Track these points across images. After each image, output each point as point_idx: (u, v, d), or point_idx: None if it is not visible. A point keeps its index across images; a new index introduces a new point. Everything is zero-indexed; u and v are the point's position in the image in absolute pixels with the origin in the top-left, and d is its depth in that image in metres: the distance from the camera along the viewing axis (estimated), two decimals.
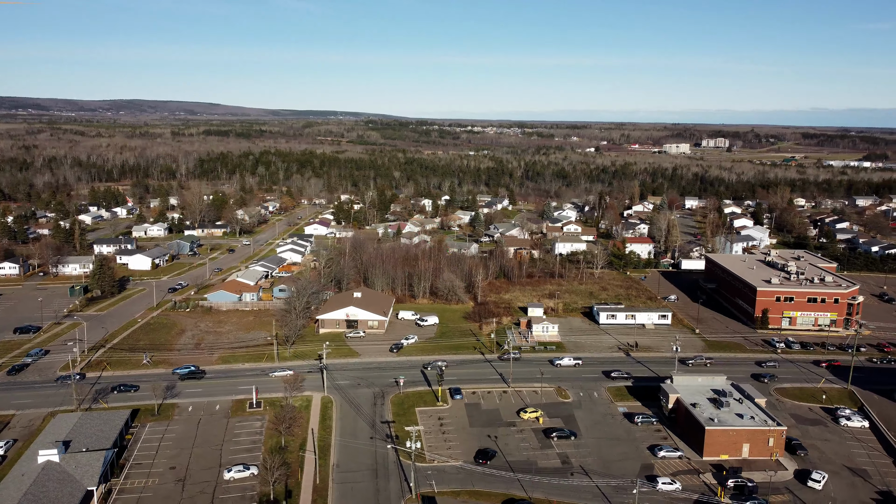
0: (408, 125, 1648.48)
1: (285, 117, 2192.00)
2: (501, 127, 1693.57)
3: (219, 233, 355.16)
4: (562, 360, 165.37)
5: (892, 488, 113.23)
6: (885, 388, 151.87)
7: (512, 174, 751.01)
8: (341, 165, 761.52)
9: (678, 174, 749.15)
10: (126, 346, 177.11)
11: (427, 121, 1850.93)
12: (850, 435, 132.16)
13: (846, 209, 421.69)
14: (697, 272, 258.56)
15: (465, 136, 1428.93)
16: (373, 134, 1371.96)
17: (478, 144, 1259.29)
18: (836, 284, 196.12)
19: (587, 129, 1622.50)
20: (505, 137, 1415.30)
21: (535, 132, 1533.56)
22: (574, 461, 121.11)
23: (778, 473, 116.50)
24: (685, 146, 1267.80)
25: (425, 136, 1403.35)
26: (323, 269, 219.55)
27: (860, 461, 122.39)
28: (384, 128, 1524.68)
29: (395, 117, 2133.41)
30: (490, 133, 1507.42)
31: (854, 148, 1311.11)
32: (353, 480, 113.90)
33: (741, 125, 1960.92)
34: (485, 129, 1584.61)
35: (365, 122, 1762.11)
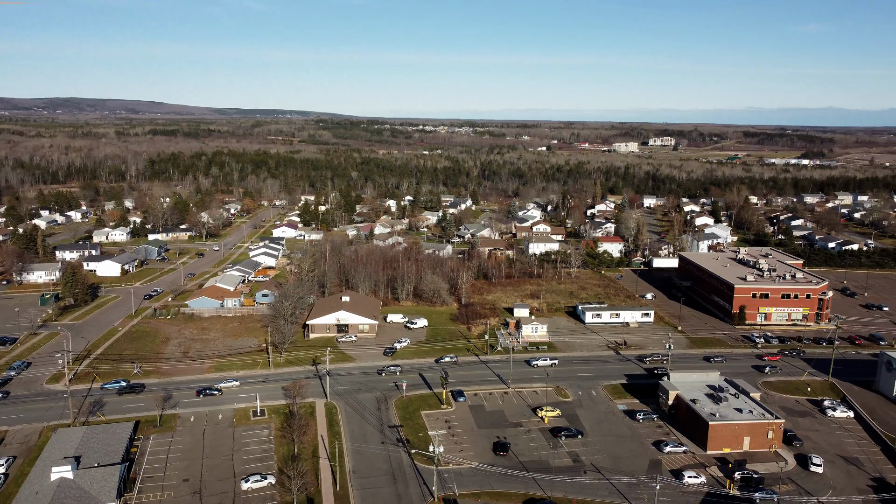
0: (359, 124, 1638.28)
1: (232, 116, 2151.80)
2: (453, 126, 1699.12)
3: (184, 236, 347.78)
4: (538, 361, 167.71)
5: (885, 475, 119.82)
6: (863, 379, 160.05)
7: (469, 174, 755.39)
8: (297, 166, 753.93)
9: (631, 173, 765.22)
10: (111, 357, 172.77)
11: (378, 120, 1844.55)
12: (838, 425, 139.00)
13: (798, 206, 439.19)
14: (669, 270, 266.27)
15: (418, 135, 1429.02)
16: (325, 133, 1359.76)
17: (431, 144, 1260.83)
18: (807, 281, 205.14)
19: (537, 128, 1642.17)
20: (457, 137, 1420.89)
21: (487, 131, 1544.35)
22: (585, 459, 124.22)
23: (780, 464, 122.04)
24: (633, 145, 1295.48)
25: (377, 135, 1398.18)
26: (306, 272, 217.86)
27: (851, 450, 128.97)
28: (336, 127, 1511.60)
29: (345, 116, 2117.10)
30: (442, 132, 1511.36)
31: (792, 146, 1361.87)
32: (372, 486, 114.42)
33: (684, 124, 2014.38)
34: (436, 129, 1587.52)
35: (315, 121, 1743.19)
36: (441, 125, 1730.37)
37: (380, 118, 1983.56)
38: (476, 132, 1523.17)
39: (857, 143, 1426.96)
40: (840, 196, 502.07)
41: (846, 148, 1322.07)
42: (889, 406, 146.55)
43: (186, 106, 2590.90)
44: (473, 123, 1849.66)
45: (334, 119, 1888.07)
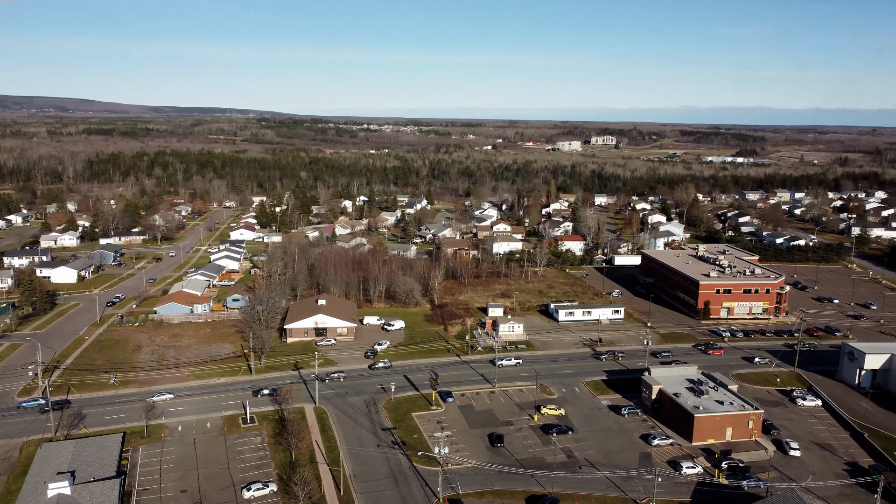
0: (302, 123, 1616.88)
1: (169, 115, 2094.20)
2: (398, 125, 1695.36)
3: (138, 240, 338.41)
4: (502, 361, 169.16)
5: (857, 459, 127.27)
6: (825, 368, 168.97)
7: (418, 173, 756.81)
8: (244, 166, 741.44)
9: (577, 171, 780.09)
10: (83, 367, 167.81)
11: (322, 119, 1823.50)
12: (809, 413, 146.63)
13: (742, 203, 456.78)
14: (630, 267, 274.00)
15: (363, 134, 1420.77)
16: (268, 132, 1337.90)
17: (376, 143, 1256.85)
18: (766, 276, 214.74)
19: (482, 127, 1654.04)
20: (403, 135, 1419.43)
21: (433, 130, 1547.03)
22: (578, 455, 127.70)
23: (760, 452, 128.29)
24: (577, 144, 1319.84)
25: (322, 134, 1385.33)
26: (278, 276, 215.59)
27: (823, 436, 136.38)
28: (279, 126, 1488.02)
29: (287, 115, 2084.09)
30: (387, 131, 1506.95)
31: (727, 144, 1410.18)
32: (376, 489, 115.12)
33: (624, 123, 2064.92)
34: (381, 128, 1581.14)
35: (257, 119, 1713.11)
36: (386, 124, 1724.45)
37: (323, 117, 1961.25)
38: (421, 131, 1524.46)
39: (786, 142, 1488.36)
40: (779, 193, 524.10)
41: (777, 146, 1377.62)
42: (852, 394, 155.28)
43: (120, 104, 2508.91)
44: (418, 122, 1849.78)
45: (276, 118, 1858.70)
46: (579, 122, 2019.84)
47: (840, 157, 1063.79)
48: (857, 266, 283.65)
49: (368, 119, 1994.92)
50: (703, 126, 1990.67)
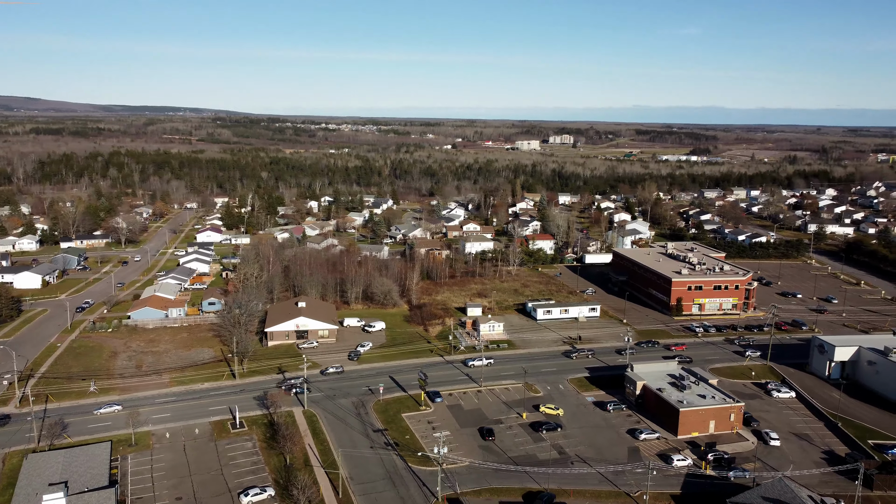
0: (259, 122, 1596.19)
1: (119, 113, 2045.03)
2: (356, 124, 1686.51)
3: (101, 244, 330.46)
4: (474, 361, 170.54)
5: (833, 448, 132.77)
6: (796, 361, 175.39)
7: (380, 172, 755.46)
8: (203, 166, 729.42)
9: (538, 170, 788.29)
10: (59, 375, 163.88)
11: (279, 118, 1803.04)
12: (784, 405, 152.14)
13: (702, 202, 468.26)
14: (601, 265, 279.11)
15: (322, 133, 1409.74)
16: (224, 132, 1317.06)
17: (336, 142, 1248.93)
18: (735, 273, 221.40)
19: (441, 127, 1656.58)
20: (362, 135, 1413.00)
21: (392, 130, 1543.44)
22: (569, 451, 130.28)
23: (743, 444, 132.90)
24: (535, 143, 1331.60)
25: (280, 133, 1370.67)
26: (255, 279, 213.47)
27: (800, 427, 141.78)
28: (235, 125, 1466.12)
29: (242, 114, 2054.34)
30: (346, 131, 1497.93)
31: (680, 143, 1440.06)
32: (373, 491, 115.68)
33: (580, 122, 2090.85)
34: (340, 127, 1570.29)
35: (213, 119, 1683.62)
36: (344, 123, 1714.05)
37: (280, 116, 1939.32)
38: (381, 131, 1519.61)
39: (737, 141, 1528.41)
40: (735, 191, 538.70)
41: (728, 145, 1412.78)
42: (823, 385, 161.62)
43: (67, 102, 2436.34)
44: (376, 122, 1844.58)
45: (232, 117, 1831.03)
46: (536, 121, 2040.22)
47: (789, 155, 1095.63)
48: (816, 262, 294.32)
49: (326, 118, 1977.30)
50: (656, 125, 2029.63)
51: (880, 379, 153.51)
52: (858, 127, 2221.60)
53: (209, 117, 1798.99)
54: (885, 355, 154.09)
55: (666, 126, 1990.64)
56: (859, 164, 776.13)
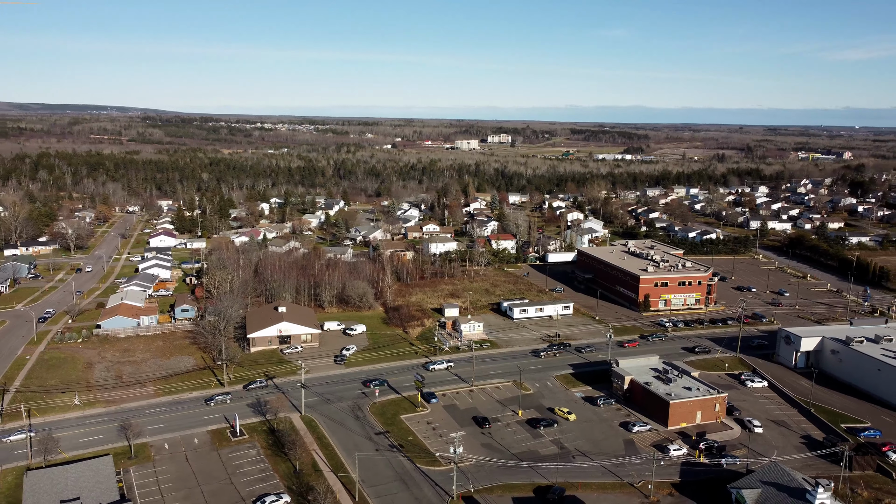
0: (192, 122, 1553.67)
1: (38, 112, 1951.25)
2: (292, 124, 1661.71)
3: (47, 250, 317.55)
4: (435, 365, 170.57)
5: (810, 433, 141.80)
6: (762, 352, 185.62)
7: (324, 173, 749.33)
8: (139, 167, 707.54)
9: (481, 170, 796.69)
10: (35, 389, 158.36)
11: (212, 117, 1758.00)
12: (758, 394, 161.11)
13: (649, 200, 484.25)
14: (563, 264, 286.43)
15: (258, 133, 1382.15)
16: (156, 132, 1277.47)
17: (273, 142, 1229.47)
18: (696, 269, 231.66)
19: (379, 126, 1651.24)
20: (299, 135, 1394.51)
21: (329, 129, 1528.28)
22: (568, 445, 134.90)
23: (729, 432, 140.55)
24: (474, 142, 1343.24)
25: (214, 133, 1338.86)
26: (229, 284, 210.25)
27: (776, 414, 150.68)
28: (167, 125, 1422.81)
29: (172, 113, 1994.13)
30: (283, 130, 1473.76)
31: (614, 142, 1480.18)
32: (388, 493, 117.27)
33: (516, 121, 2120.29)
34: (276, 126, 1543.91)
35: (142, 118, 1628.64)
36: (280, 122, 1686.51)
37: (213, 115, 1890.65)
38: (318, 130, 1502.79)
39: (667, 139, 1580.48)
40: (676, 189, 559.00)
41: (659, 143, 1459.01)
42: (790, 374, 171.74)
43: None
44: (312, 121, 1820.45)
45: (162, 116, 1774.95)
46: (473, 120, 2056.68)
47: (717, 153, 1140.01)
48: (763, 257, 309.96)
49: (260, 117, 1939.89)
50: (588, 124, 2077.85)
51: (844, 367, 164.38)
52: (777, 126, 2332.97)
53: (137, 116, 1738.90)
54: (848, 344, 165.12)
55: (598, 125, 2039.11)
56: (787, 162, 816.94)
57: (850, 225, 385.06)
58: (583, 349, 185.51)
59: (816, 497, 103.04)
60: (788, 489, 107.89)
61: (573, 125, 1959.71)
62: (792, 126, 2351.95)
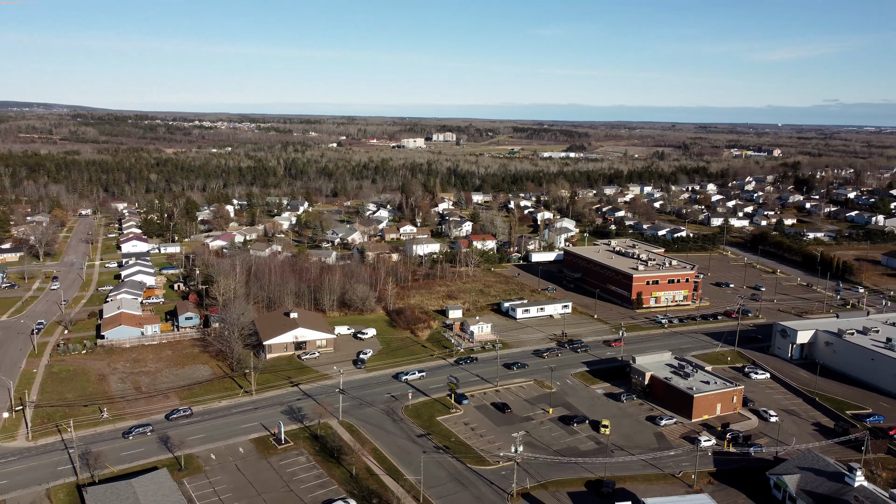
0: (126, 120, 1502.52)
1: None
2: (231, 121, 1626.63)
3: (13, 257, 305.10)
4: (407, 376, 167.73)
5: (819, 421, 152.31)
6: (759, 345, 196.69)
7: (275, 172, 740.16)
8: (82, 168, 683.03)
9: (434, 168, 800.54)
10: (54, 403, 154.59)
11: (146, 114, 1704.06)
12: (764, 385, 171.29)
13: (610, 199, 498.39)
14: (546, 263, 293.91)
15: (197, 131, 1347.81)
16: (89, 130, 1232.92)
17: (214, 141, 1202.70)
18: (682, 267, 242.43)
19: (323, 124, 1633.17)
20: (241, 133, 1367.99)
21: (272, 127, 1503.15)
22: (604, 441, 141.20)
23: (748, 422, 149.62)
24: (420, 141, 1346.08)
25: (151, 131, 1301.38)
26: (233, 291, 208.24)
27: (785, 403, 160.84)
28: (100, 123, 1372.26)
29: (102, 110, 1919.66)
30: (223, 128, 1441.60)
31: (556, 140, 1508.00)
32: (448, 494, 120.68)
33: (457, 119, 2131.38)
34: (215, 124, 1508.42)
35: (72, 115, 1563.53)
36: (218, 120, 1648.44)
37: (147, 112, 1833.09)
38: (260, 128, 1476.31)
39: (606, 137, 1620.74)
40: (631, 187, 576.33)
41: (599, 141, 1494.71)
42: (788, 366, 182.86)
43: None
44: (251, 118, 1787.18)
45: (93, 113, 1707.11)
46: (416, 118, 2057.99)
47: (657, 151, 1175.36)
48: (731, 253, 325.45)
49: (196, 115, 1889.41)
50: (528, 122, 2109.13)
51: (838, 357, 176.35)
52: (707, 123, 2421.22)
53: (66, 114, 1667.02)
54: (840, 336, 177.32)
55: (537, 123, 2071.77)
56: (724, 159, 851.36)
57: (802, 221, 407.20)
58: (580, 348, 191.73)
59: (856, 479, 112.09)
60: (826, 473, 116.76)
61: (514, 123, 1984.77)
62: (721, 123, 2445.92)
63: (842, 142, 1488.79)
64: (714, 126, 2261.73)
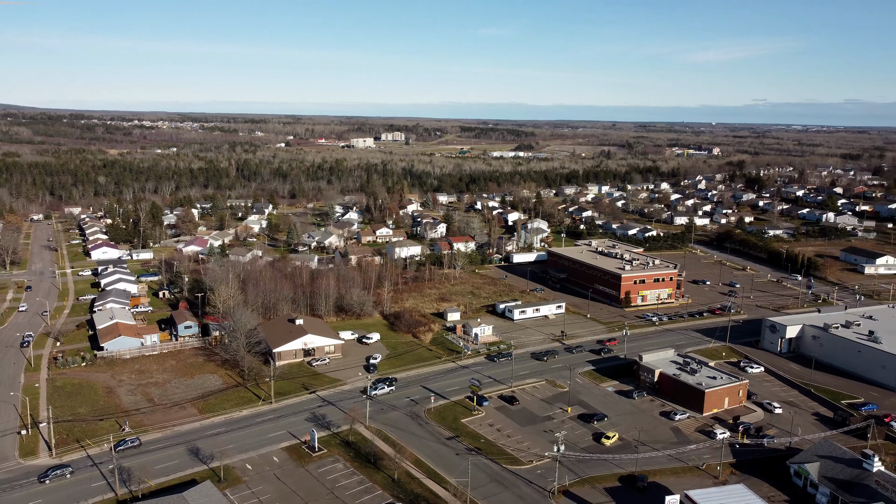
0: (61, 119, 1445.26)
1: None
2: (173, 121, 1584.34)
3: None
4: (376, 391, 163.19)
5: (819, 411, 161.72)
6: (748, 340, 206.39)
7: (227, 174, 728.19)
8: (24, 171, 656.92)
9: (388, 169, 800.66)
10: (68, 418, 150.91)
11: (83, 114, 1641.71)
12: (760, 379, 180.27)
13: (574, 199, 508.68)
14: (527, 264, 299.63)
15: (138, 131, 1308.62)
16: (22, 130, 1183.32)
17: (157, 141, 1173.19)
18: (665, 266, 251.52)
19: (269, 124, 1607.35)
20: (185, 133, 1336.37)
21: (217, 127, 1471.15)
22: (626, 437, 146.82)
23: (754, 414, 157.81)
24: (370, 140, 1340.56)
25: (90, 131, 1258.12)
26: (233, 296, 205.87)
27: (783, 396, 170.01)
28: (33, 122, 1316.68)
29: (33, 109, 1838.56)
30: (165, 128, 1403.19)
31: (503, 139, 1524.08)
32: (491, 494, 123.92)
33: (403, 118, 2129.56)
34: (156, 124, 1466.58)
35: (2, 115, 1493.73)
36: (159, 119, 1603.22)
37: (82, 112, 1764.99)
38: (204, 128, 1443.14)
39: (552, 136, 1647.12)
40: (590, 187, 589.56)
41: (546, 140, 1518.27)
42: (779, 359, 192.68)
43: None
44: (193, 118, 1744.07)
45: (24, 112, 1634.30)
46: (363, 117, 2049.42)
47: (603, 150, 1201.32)
48: (701, 251, 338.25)
49: (134, 114, 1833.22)
50: (473, 121, 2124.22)
51: (825, 350, 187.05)
52: (647, 122, 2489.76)
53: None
54: (826, 330, 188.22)
55: (482, 122, 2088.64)
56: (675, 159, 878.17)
57: (759, 219, 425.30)
58: (573, 349, 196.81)
59: (874, 465, 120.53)
60: (845, 460, 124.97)
61: (459, 122, 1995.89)
62: (659, 122, 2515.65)
63: (774, 140, 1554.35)
64: (653, 125, 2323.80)
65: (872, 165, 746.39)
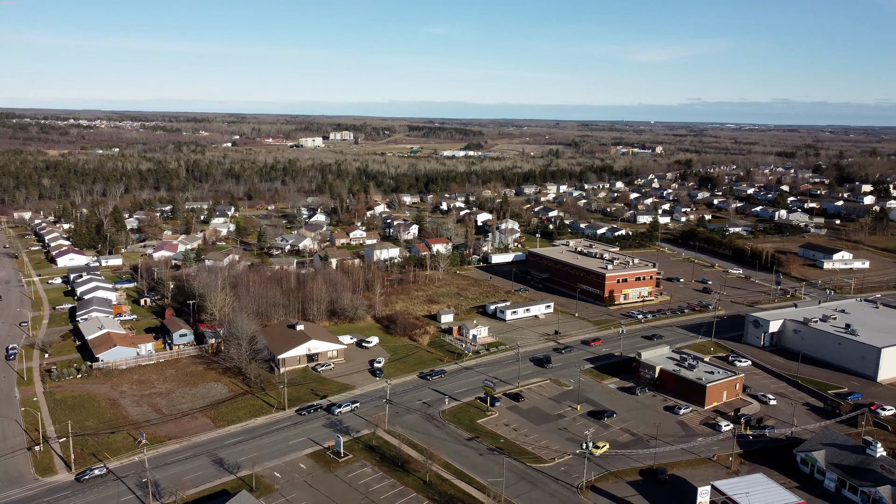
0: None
1: None
2: (111, 119, 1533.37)
3: None
4: (341, 408, 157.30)
5: (808, 401, 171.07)
6: (730, 335, 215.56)
7: (177, 175, 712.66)
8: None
9: (343, 169, 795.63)
10: (78, 432, 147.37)
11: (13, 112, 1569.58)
12: (749, 372, 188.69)
13: (536, 198, 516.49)
14: (505, 264, 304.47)
15: (75, 131, 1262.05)
16: None
17: (97, 141, 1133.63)
18: (645, 265, 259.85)
19: (213, 123, 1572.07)
20: (125, 132, 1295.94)
21: (159, 126, 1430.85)
22: (637, 432, 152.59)
23: (751, 406, 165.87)
24: (318, 140, 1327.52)
25: (22, 131, 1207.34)
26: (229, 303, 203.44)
27: (772, 388, 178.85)
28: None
29: None
30: (104, 128, 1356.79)
31: (452, 139, 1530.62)
32: (522, 492, 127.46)
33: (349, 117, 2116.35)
34: (95, 123, 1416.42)
35: None
36: (97, 118, 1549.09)
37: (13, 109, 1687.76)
38: (145, 127, 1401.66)
39: (499, 136, 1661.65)
40: (549, 186, 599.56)
41: (493, 139, 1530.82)
42: (763, 353, 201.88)
43: None
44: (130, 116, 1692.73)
45: None
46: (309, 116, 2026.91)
47: (551, 149, 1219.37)
48: (668, 249, 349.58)
49: (69, 113, 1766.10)
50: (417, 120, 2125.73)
51: (806, 343, 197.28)
52: (589, 121, 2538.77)
53: None
54: (807, 324, 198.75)
55: (427, 121, 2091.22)
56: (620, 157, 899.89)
57: (717, 217, 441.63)
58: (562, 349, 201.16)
59: (877, 451, 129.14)
60: (849, 447, 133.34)
61: (405, 121, 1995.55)
62: (601, 121, 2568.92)
63: (712, 138, 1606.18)
64: (595, 123, 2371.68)
65: (810, 164, 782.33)
